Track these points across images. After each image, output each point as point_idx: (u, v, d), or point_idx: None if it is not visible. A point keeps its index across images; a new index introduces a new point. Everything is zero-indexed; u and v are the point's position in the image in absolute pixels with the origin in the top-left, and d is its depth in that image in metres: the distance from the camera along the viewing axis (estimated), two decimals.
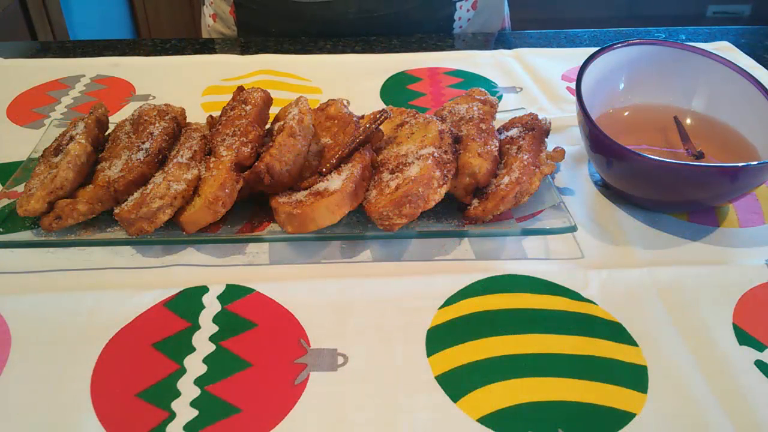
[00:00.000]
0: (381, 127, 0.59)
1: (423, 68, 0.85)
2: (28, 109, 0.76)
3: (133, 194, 0.55)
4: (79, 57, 0.89)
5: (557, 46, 0.94)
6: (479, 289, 0.51)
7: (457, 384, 0.44)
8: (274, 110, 0.63)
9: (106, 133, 0.63)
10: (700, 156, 0.62)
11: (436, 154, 0.54)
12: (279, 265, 0.54)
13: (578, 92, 0.60)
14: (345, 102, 0.64)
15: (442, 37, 0.96)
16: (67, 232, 0.56)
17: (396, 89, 0.81)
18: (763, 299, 0.51)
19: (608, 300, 0.51)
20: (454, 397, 0.44)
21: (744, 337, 0.48)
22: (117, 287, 0.51)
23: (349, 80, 0.82)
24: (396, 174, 0.54)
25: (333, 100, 0.64)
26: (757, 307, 0.51)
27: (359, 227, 0.56)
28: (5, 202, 0.58)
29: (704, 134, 0.65)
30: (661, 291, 0.52)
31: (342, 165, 0.55)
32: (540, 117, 0.63)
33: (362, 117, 0.63)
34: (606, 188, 0.64)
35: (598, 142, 0.58)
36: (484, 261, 0.55)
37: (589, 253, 0.56)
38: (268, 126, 0.61)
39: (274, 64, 0.86)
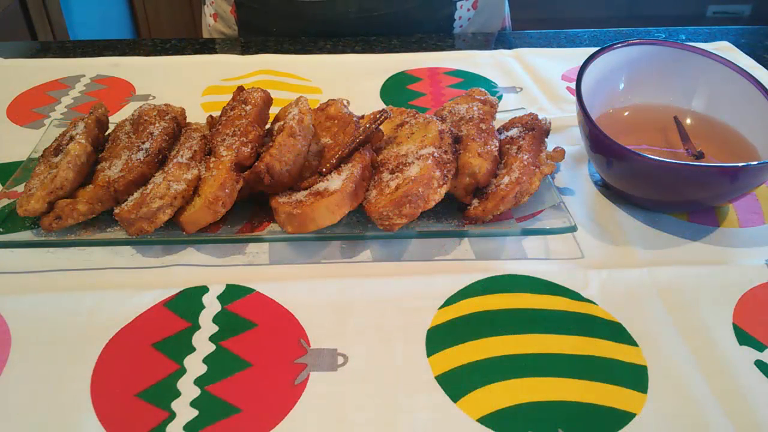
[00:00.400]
0: (381, 127, 0.59)
1: (423, 68, 0.85)
2: (28, 109, 0.76)
3: (133, 194, 0.55)
4: (79, 57, 0.89)
5: (557, 46, 0.94)
6: (479, 289, 0.51)
7: (457, 384, 0.44)
8: (274, 110, 0.63)
9: (106, 133, 0.63)
10: (700, 156, 0.62)
11: (436, 154, 0.54)
12: (279, 265, 0.54)
13: (578, 92, 0.60)
14: (345, 102, 0.64)
15: (442, 37, 0.96)
16: (67, 232, 0.56)
17: (396, 89, 0.81)
18: (763, 299, 0.51)
19: (608, 300, 0.51)
20: (454, 397, 0.44)
21: (744, 337, 0.48)
22: (117, 287, 0.51)
23: (349, 80, 0.82)
24: (396, 174, 0.54)
25: (333, 100, 0.64)
26: (757, 307, 0.51)
27: (359, 227, 0.56)
28: (5, 202, 0.58)
29: (704, 134, 0.65)
30: (661, 291, 0.52)
31: (342, 165, 0.55)
32: (540, 117, 0.63)
33: (362, 117, 0.63)
34: (606, 188, 0.64)
35: (598, 142, 0.58)
36: (484, 261, 0.55)
37: (589, 253, 0.56)
38: (268, 126, 0.61)
39: (274, 64, 0.86)
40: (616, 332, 0.48)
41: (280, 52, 0.90)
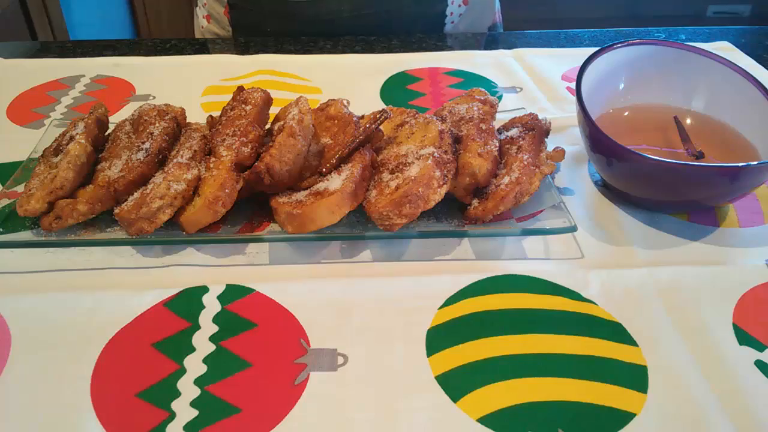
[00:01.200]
0: (381, 127, 0.59)
1: (423, 68, 0.85)
2: (28, 109, 0.76)
3: (133, 194, 0.55)
4: (79, 57, 0.89)
5: (557, 46, 0.94)
6: (479, 289, 0.51)
7: (457, 384, 0.44)
8: (274, 110, 0.63)
9: (106, 133, 0.63)
10: (700, 156, 0.61)
11: (436, 154, 0.54)
12: (279, 265, 0.54)
13: (578, 92, 0.60)
14: (345, 102, 0.64)
15: (442, 37, 0.96)
16: (67, 232, 0.56)
17: (396, 89, 0.81)
18: (763, 299, 0.51)
19: (609, 300, 0.51)
20: (454, 397, 0.44)
21: (744, 337, 0.48)
22: (117, 287, 0.51)
23: (349, 80, 0.82)
24: (396, 174, 0.54)
25: (333, 100, 0.64)
26: (757, 307, 0.50)
27: (359, 227, 0.56)
28: (5, 202, 0.58)
29: (704, 134, 0.64)
30: (661, 291, 0.52)
31: (342, 165, 0.55)
32: (540, 117, 0.63)
33: (362, 117, 0.63)
34: (606, 188, 0.63)
35: (598, 142, 0.58)
36: (484, 261, 0.55)
37: (589, 253, 0.56)
38: (268, 126, 0.61)
39: (274, 64, 0.86)
40: (617, 332, 0.48)
41: (279, 52, 0.90)
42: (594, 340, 0.48)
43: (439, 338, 0.47)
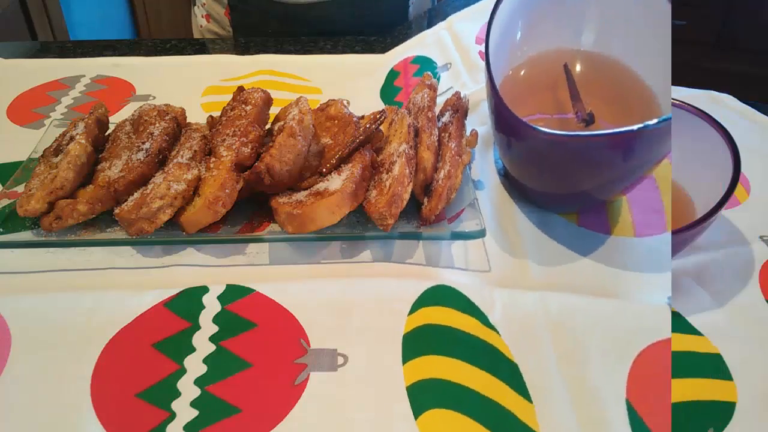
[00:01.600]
0: (381, 127, 0.59)
1: (400, 62, 0.83)
2: (28, 109, 0.76)
3: (133, 194, 0.55)
4: (79, 57, 0.89)
5: (477, 1, 0.83)
6: (427, 298, 0.49)
7: (418, 399, 0.42)
8: (274, 110, 0.63)
9: (106, 133, 0.63)
10: (590, 121, 0.46)
11: (407, 151, 0.52)
12: (279, 265, 0.54)
13: (486, 55, 0.48)
14: (345, 102, 0.64)
15: (419, 22, 0.93)
16: (67, 232, 0.56)
17: (389, 88, 0.80)
18: (662, 367, 0.40)
19: (508, 331, 0.46)
20: (416, 412, 0.42)
21: (637, 424, 0.39)
22: (117, 287, 0.51)
23: (349, 80, 0.82)
24: (388, 173, 0.54)
25: (333, 100, 0.64)
26: (654, 380, 0.39)
27: (359, 227, 0.56)
28: (5, 202, 0.58)
29: (596, 83, 0.48)
30: (552, 327, 0.45)
31: (342, 165, 0.55)
32: (462, 95, 0.56)
33: (362, 117, 0.63)
34: (506, 179, 0.52)
35: (498, 115, 0.44)
36: (430, 267, 0.52)
37: (495, 264, 0.50)
38: (268, 126, 0.61)
39: (274, 64, 0.85)
40: (514, 377, 0.43)
41: (279, 52, 0.90)
42: (496, 382, 0.42)
43: (408, 346, 0.46)
